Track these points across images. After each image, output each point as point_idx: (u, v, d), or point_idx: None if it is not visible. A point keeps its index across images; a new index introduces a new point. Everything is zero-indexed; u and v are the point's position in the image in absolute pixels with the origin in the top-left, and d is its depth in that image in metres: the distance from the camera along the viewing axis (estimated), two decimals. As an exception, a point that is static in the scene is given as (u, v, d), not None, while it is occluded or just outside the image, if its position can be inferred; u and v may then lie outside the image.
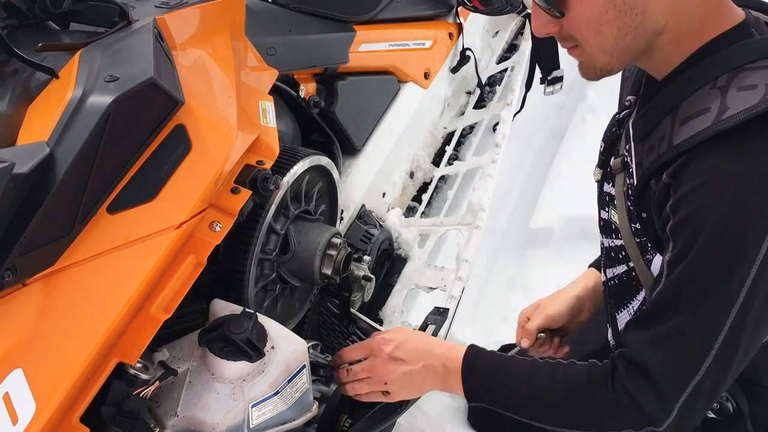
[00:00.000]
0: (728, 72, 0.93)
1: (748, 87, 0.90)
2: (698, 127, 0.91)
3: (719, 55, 0.95)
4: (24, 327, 0.88)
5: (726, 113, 0.89)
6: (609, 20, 0.96)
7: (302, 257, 1.39)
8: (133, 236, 0.98)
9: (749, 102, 0.88)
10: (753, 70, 0.92)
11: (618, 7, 0.94)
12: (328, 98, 1.80)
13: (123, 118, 0.96)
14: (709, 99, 0.93)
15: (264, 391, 1.10)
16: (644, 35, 0.97)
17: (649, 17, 0.96)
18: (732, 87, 0.91)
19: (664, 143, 0.97)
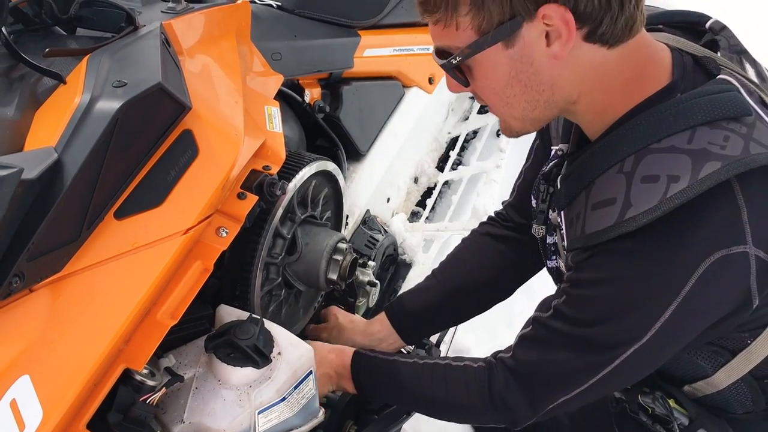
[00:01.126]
0: (635, 153, 0.92)
1: (651, 179, 0.90)
2: (604, 220, 0.93)
3: (631, 125, 0.94)
4: (31, 333, 0.87)
5: (628, 212, 0.90)
6: (515, 94, 0.95)
7: (309, 259, 1.39)
8: (140, 242, 0.98)
9: (649, 201, 0.88)
10: (657, 153, 0.91)
11: (523, 83, 0.94)
12: (332, 103, 1.80)
13: (131, 123, 0.96)
14: (615, 186, 0.93)
15: (270, 398, 1.10)
16: (555, 107, 0.97)
17: (558, 92, 0.95)
18: (636, 175, 0.91)
19: (579, 225, 0.98)
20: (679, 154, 0.89)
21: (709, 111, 0.90)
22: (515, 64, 0.92)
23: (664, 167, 0.89)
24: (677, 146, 0.89)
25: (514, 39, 0.90)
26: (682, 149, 0.89)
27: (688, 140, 0.89)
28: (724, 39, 1.01)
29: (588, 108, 0.98)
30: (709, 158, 0.87)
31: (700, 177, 0.86)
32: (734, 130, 0.89)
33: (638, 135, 0.93)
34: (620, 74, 0.94)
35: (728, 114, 0.90)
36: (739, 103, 0.91)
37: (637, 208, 0.89)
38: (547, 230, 1.17)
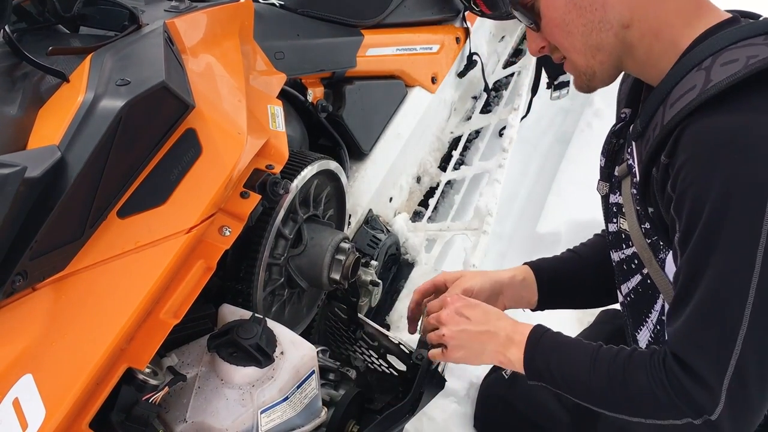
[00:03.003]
0: (712, 54, 0.96)
1: (731, 61, 0.93)
2: (686, 101, 0.94)
3: (704, 44, 0.98)
4: (34, 332, 0.87)
5: (710, 84, 0.92)
6: (573, 19, 1.02)
7: (313, 254, 1.39)
8: (143, 241, 0.98)
9: (731, 71, 0.91)
10: (736, 49, 0.94)
11: (578, 5, 1.01)
12: (335, 102, 1.79)
13: (134, 122, 0.96)
14: (694, 79, 0.95)
15: (273, 397, 1.10)
16: (611, 29, 1.02)
17: (610, 11, 1.00)
18: (715, 64, 0.94)
19: (657, 129, 0.99)
20: (757, 45, 0.93)
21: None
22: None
23: (742, 53, 0.92)
24: (754, 42, 0.94)
25: None
26: (760, 43, 0.93)
27: (764, 39, 0.94)
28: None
29: (643, 32, 1.01)
30: None
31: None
32: None
33: (713, 44, 0.96)
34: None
35: None
36: None
37: (718, 79, 0.91)
38: (611, 188, 1.19)
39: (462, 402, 1.79)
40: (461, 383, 1.94)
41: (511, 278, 1.38)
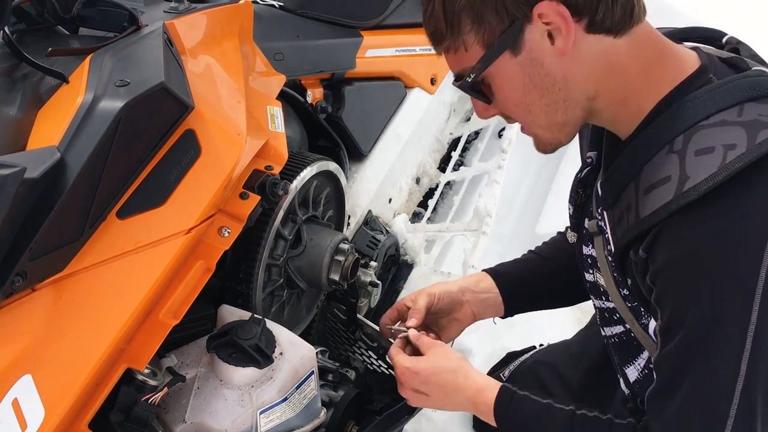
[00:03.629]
0: (683, 132, 0.90)
1: (705, 150, 0.88)
2: (661, 198, 0.89)
3: (673, 111, 0.93)
4: (33, 332, 0.87)
5: (687, 183, 0.87)
6: (534, 100, 0.96)
7: (312, 254, 1.39)
8: (142, 241, 0.98)
9: (708, 170, 0.86)
10: (708, 128, 0.89)
11: (538, 86, 0.94)
12: (335, 103, 1.80)
13: (133, 122, 0.96)
14: (668, 165, 0.90)
15: (272, 398, 1.10)
16: (576, 106, 0.97)
17: (575, 88, 0.95)
18: (689, 150, 0.89)
19: (632, 214, 0.94)
20: (731, 126, 0.88)
21: (754, 89, 0.90)
22: (526, 68, 0.93)
23: (717, 139, 0.88)
24: (728, 120, 0.89)
25: (520, 44, 0.92)
26: (734, 122, 0.88)
27: (737, 114, 0.89)
28: (744, 50, 1.01)
29: (609, 101, 0.97)
30: (763, 126, 0.86)
31: (758, 141, 0.85)
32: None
33: (684, 115, 0.91)
34: (634, 60, 0.94)
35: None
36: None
37: (695, 178, 0.87)
38: (582, 240, 1.15)
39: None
40: (460, 384, 1.94)
41: (466, 281, 1.36)
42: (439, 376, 1.16)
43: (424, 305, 1.29)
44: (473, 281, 1.36)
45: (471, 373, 1.17)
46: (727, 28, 1.08)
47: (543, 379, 1.46)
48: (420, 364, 1.18)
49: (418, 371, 1.17)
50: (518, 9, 0.89)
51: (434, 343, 1.22)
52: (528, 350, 1.61)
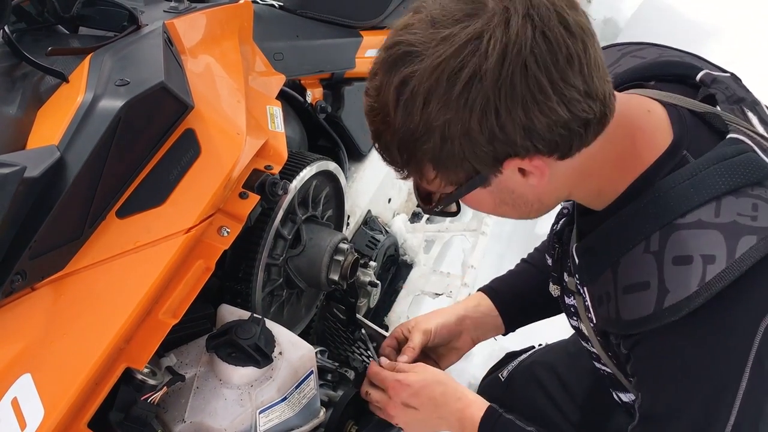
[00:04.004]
0: (660, 229, 0.87)
1: (684, 260, 0.85)
2: (641, 308, 0.88)
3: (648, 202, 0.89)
4: (33, 331, 0.88)
5: (667, 299, 0.85)
6: (506, 212, 0.94)
7: (311, 254, 1.39)
8: (142, 241, 0.98)
9: (687, 287, 0.84)
10: (684, 230, 0.86)
11: (510, 204, 0.92)
12: (334, 103, 1.80)
13: (133, 122, 0.96)
14: (646, 268, 0.88)
15: (271, 397, 1.10)
16: (549, 208, 0.95)
17: (547, 200, 0.93)
18: (666, 256, 0.86)
19: (612, 307, 0.93)
20: (709, 229, 0.85)
21: (730, 178, 0.86)
22: (496, 194, 0.90)
23: (695, 246, 0.85)
24: (705, 220, 0.85)
25: (489, 182, 0.87)
26: (711, 223, 0.85)
27: (715, 213, 0.85)
28: (720, 92, 0.96)
29: (583, 195, 0.95)
30: (742, 232, 0.83)
31: (737, 256, 0.82)
32: (760, 196, 0.85)
33: (659, 210, 0.88)
34: (606, 158, 0.90)
35: (751, 179, 0.86)
36: (759, 165, 0.87)
37: (675, 294, 0.85)
38: (563, 291, 1.13)
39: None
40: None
41: (465, 308, 1.35)
42: (430, 388, 1.16)
43: (419, 343, 1.29)
44: (472, 306, 1.35)
45: (458, 387, 1.18)
46: (726, 27, 1.07)
47: (541, 379, 1.46)
48: (410, 377, 1.18)
49: (410, 383, 1.17)
50: (485, 168, 0.83)
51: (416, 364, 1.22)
52: (526, 350, 1.61)
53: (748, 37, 3.20)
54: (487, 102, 0.77)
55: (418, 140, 0.81)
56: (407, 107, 0.80)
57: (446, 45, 0.77)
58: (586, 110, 0.81)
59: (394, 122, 0.82)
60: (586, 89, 0.80)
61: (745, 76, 1.07)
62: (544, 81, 0.77)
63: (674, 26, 3.30)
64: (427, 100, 0.79)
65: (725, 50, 3.16)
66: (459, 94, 0.77)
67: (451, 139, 0.80)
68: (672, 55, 1.06)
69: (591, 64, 0.80)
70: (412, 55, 0.79)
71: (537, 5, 0.77)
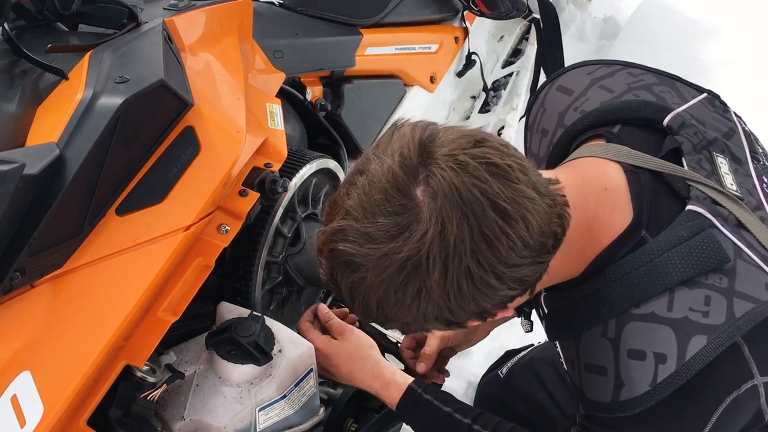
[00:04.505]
0: (616, 316, 0.88)
1: (637, 354, 0.87)
2: (599, 393, 0.91)
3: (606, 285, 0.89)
4: (32, 329, 0.88)
5: (622, 392, 0.87)
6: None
7: (311, 251, 1.39)
8: (141, 238, 0.98)
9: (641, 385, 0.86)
10: (639, 322, 0.87)
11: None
12: (334, 101, 1.79)
13: (133, 119, 0.96)
14: (603, 354, 0.90)
15: (271, 395, 1.10)
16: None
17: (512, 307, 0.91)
18: (622, 347, 0.88)
19: (576, 376, 0.96)
20: (661, 324, 0.85)
21: (684, 267, 0.85)
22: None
23: (648, 342, 0.86)
24: (657, 314, 0.86)
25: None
26: (663, 318, 0.85)
27: (668, 307, 0.85)
28: (687, 140, 0.94)
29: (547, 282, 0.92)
30: (694, 331, 0.84)
31: (687, 359, 0.83)
32: (714, 285, 0.85)
33: (615, 296, 0.89)
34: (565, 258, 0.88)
35: (705, 266, 0.85)
36: (716, 248, 0.86)
37: (629, 389, 0.87)
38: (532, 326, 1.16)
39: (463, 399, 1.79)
40: (459, 383, 1.94)
41: None
42: (350, 362, 1.20)
43: (436, 349, 1.33)
44: None
45: (380, 365, 1.21)
46: (726, 25, 1.06)
47: (540, 373, 1.46)
48: (332, 348, 1.22)
49: (329, 355, 1.21)
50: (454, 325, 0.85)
51: (345, 327, 1.25)
52: (526, 348, 1.62)
53: (748, 35, 3.20)
54: (438, 308, 0.79)
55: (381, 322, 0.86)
56: (364, 307, 0.82)
57: (386, 261, 0.77)
58: (541, 262, 0.81)
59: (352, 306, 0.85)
60: (535, 255, 0.80)
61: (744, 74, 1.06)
62: (490, 277, 0.77)
63: (674, 25, 3.30)
64: (380, 306, 0.81)
65: (725, 48, 3.17)
66: (409, 306, 0.79)
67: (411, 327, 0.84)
68: (641, 85, 1.03)
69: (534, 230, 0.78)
70: (354, 264, 0.79)
71: (468, 201, 0.75)
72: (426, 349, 1.33)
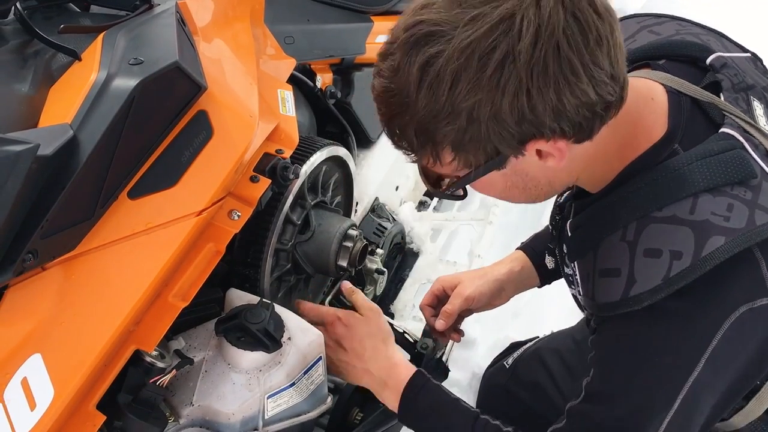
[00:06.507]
0: (637, 220, 0.89)
1: (654, 252, 0.87)
2: (611, 292, 0.91)
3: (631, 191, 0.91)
4: (43, 311, 0.87)
5: (633, 288, 0.88)
6: (514, 195, 0.95)
7: (320, 240, 1.38)
8: (153, 222, 0.97)
9: (653, 280, 0.86)
10: (659, 224, 0.88)
11: (521, 188, 0.93)
12: (344, 89, 1.78)
13: (147, 101, 0.95)
14: (620, 256, 0.90)
15: (280, 382, 1.09)
16: (556, 192, 0.98)
17: (557, 184, 0.94)
18: (639, 247, 0.88)
19: (590, 288, 0.96)
20: (681, 225, 0.86)
21: (711, 176, 0.87)
22: (509, 177, 0.90)
23: (666, 241, 0.87)
24: (679, 216, 0.87)
25: (505, 164, 0.87)
26: (684, 220, 0.86)
27: (690, 210, 0.86)
28: (727, 78, 0.96)
29: (586, 180, 0.97)
30: (712, 232, 0.84)
31: (702, 255, 0.84)
32: (738, 196, 0.86)
33: (639, 201, 0.90)
34: (611, 144, 0.91)
35: (732, 179, 0.86)
36: (744, 164, 0.87)
37: (641, 285, 0.87)
38: (561, 262, 1.15)
39: (465, 392, 1.79)
40: (464, 374, 1.94)
41: (510, 273, 1.38)
42: (368, 338, 1.21)
43: (458, 309, 1.35)
44: (516, 271, 1.38)
45: (395, 349, 1.23)
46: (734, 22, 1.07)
47: (546, 362, 1.46)
48: (353, 320, 1.23)
49: (350, 325, 1.22)
50: (508, 149, 0.83)
51: (371, 306, 1.27)
52: (531, 340, 1.61)
53: (750, 34, 3.18)
54: (519, 83, 0.77)
55: (440, 122, 0.80)
56: (432, 88, 0.79)
57: (476, 25, 0.76)
58: (611, 93, 0.82)
59: (414, 104, 0.80)
60: (612, 72, 0.81)
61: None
62: (576, 62, 0.77)
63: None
64: (455, 81, 0.78)
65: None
66: (491, 76, 0.77)
67: (478, 121, 0.79)
68: (689, 32, 1.06)
69: (617, 47, 0.81)
70: (437, 34, 0.78)
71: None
72: (447, 307, 1.35)
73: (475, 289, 1.35)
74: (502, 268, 1.39)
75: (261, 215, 1.26)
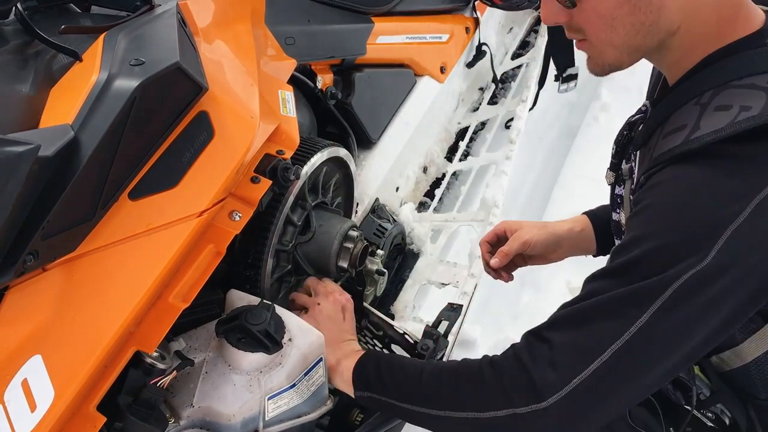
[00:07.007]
0: (714, 88, 0.92)
1: (724, 107, 0.89)
2: (672, 143, 0.92)
3: (714, 68, 0.93)
4: (44, 312, 0.87)
5: (695, 133, 0.89)
6: (622, 15, 0.94)
7: (321, 241, 1.38)
8: (154, 223, 0.97)
9: (717, 125, 0.88)
10: (736, 88, 0.90)
11: (633, 3, 0.92)
12: (344, 90, 1.78)
13: (148, 102, 0.94)
14: (689, 115, 0.92)
15: (280, 384, 1.09)
16: (657, 34, 0.95)
17: (665, 16, 0.93)
18: (711, 105, 0.91)
19: (649, 155, 0.97)
20: (757, 90, 0.88)
21: None
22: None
23: (738, 99, 0.89)
24: (757, 84, 0.89)
25: None
26: (761, 87, 0.88)
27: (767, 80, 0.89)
28: None
29: (682, 42, 0.96)
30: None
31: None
32: None
33: (719, 74, 0.92)
34: (717, 8, 0.93)
35: None
36: None
37: (703, 130, 0.89)
38: (617, 179, 1.17)
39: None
40: (464, 374, 1.94)
41: (569, 231, 1.41)
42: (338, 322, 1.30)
43: (514, 251, 1.39)
44: (577, 230, 1.41)
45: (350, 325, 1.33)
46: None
47: None
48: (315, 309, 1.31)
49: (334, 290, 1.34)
50: None
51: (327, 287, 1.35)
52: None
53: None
54: None
55: None
56: None
57: None
58: None
59: None
60: None
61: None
62: None
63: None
64: None
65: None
66: None
67: None
68: None
69: None
70: None
71: None
72: (504, 248, 1.40)
73: (533, 236, 1.39)
74: (564, 225, 1.43)
75: (262, 216, 1.26)
